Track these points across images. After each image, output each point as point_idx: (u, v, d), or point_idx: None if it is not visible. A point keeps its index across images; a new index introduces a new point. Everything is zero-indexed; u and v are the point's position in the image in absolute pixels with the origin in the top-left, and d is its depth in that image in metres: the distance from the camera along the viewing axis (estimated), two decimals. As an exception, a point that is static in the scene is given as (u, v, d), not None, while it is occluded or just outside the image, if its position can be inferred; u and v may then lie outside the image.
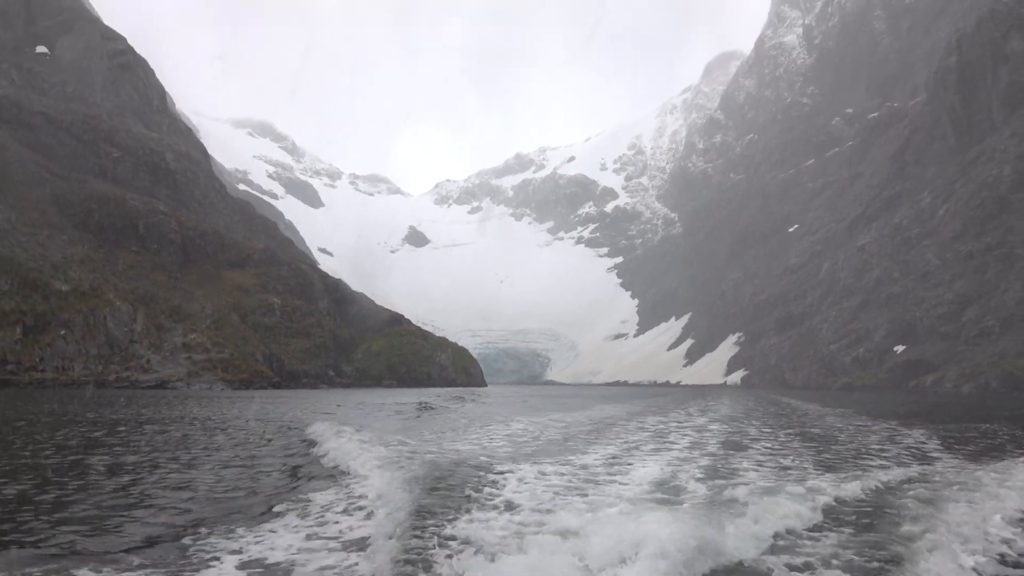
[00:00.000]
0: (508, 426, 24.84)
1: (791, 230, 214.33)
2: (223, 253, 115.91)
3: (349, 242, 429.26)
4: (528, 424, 25.97)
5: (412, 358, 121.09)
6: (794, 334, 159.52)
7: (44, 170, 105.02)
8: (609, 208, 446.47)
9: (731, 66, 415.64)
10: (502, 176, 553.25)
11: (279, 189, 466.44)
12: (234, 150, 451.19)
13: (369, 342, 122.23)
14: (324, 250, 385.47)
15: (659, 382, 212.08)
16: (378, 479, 11.45)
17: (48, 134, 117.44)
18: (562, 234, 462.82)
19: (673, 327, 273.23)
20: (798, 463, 14.62)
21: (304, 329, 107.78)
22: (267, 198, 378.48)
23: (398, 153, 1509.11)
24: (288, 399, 49.46)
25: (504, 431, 22.54)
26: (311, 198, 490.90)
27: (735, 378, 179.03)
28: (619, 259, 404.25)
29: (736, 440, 20.01)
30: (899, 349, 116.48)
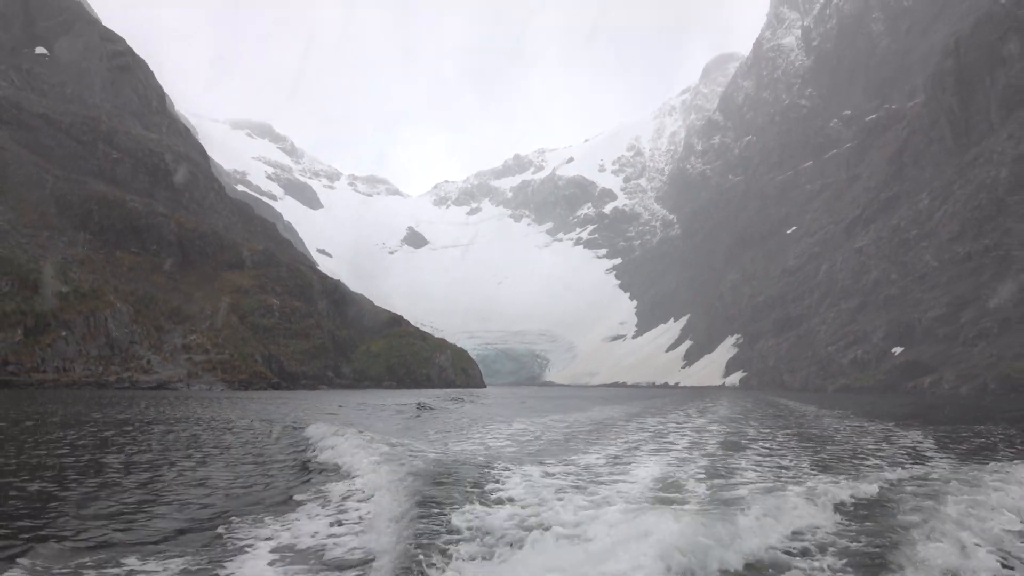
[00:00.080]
0: (509, 426, 25.14)
1: (789, 232, 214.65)
2: (222, 254, 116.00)
3: (348, 243, 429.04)
4: (529, 424, 26.27)
5: (411, 359, 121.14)
6: (792, 336, 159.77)
7: (44, 171, 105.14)
8: (607, 209, 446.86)
9: (730, 68, 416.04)
10: (501, 177, 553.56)
11: (278, 190, 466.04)
12: (233, 151, 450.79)
13: (368, 343, 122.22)
14: (323, 251, 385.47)
15: (657, 384, 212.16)
16: (383, 475, 11.67)
17: (47, 135, 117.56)
18: (560, 235, 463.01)
19: (671, 328, 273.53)
20: (797, 463, 14.76)
21: (303, 330, 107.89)
22: (266, 199, 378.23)
23: (397, 154, 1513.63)
24: (288, 400, 49.65)
25: (505, 431, 22.82)
26: (310, 199, 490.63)
27: (733, 380, 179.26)
28: (617, 260, 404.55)
29: (735, 440, 20.26)
30: (897, 351, 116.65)
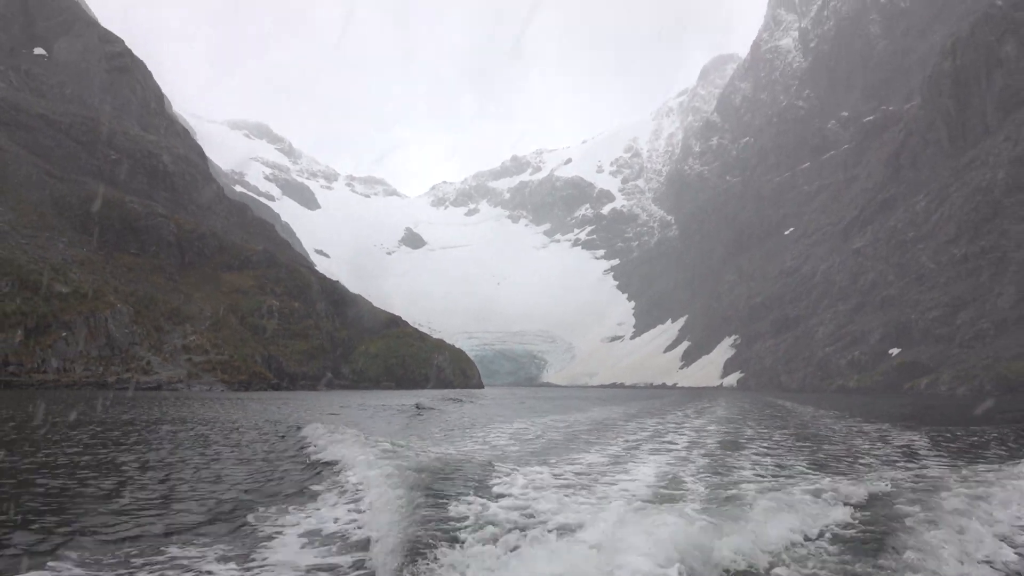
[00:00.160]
0: (510, 426, 25.40)
1: (787, 233, 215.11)
2: (221, 255, 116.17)
3: (346, 244, 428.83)
4: (529, 424, 26.53)
5: (410, 360, 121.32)
6: (789, 337, 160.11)
7: (43, 172, 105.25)
8: (605, 210, 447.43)
9: (727, 69, 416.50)
10: (499, 178, 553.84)
11: (276, 191, 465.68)
12: (231, 152, 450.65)
13: (367, 344, 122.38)
14: (321, 252, 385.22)
15: (655, 384, 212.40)
16: (386, 472, 11.87)
17: (47, 136, 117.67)
18: (559, 236, 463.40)
19: (669, 329, 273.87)
20: (796, 463, 14.90)
21: (302, 331, 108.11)
22: (264, 199, 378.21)
23: (395, 155, 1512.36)
24: (289, 400, 49.84)
25: (506, 431, 23.03)
26: (308, 200, 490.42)
27: (731, 380, 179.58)
28: (615, 261, 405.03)
29: (733, 440, 20.50)
30: (894, 352, 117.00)
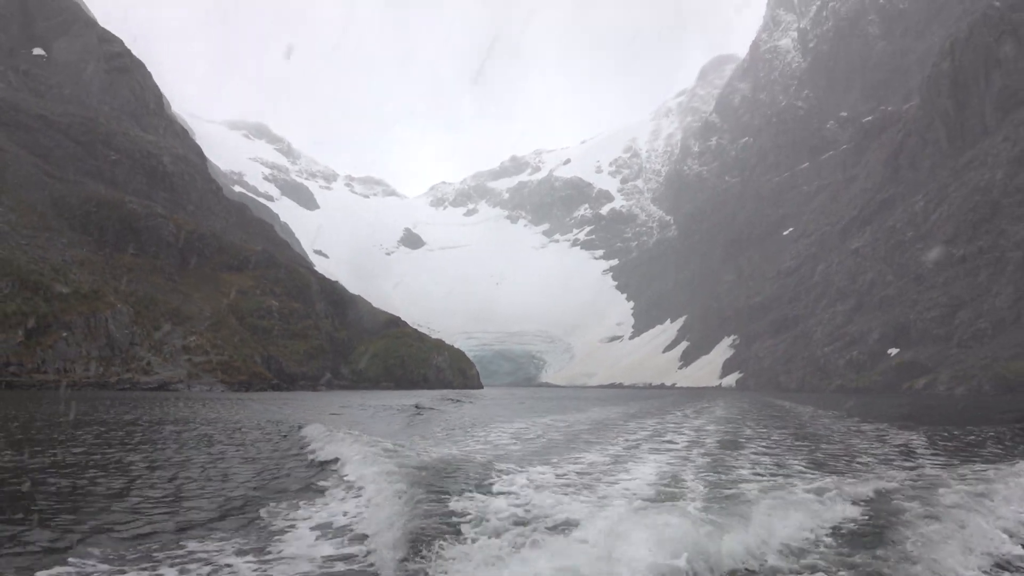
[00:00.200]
0: (510, 426, 25.56)
1: (785, 233, 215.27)
2: (220, 255, 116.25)
3: (344, 244, 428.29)
4: (529, 424, 26.69)
5: (409, 360, 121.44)
6: (788, 337, 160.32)
7: (42, 173, 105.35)
8: (604, 211, 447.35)
9: (726, 69, 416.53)
10: (498, 178, 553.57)
11: (274, 191, 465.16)
12: (229, 152, 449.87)
13: (366, 344, 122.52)
14: (320, 252, 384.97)
15: (654, 385, 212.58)
16: (388, 470, 12.05)
17: (46, 136, 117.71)
18: (557, 236, 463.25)
19: (668, 330, 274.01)
20: (796, 463, 15.01)
21: (301, 331, 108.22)
22: (262, 200, 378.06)
23: (393, 155, 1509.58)
24: (290, 401, 49.98)
25: (506, 431, 23.17)
26: (307, 200, 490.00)
27: (730, 381, 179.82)
28: (614, 261, 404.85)
29: (733, 440, 20.65)
30: (892, 352, 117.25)
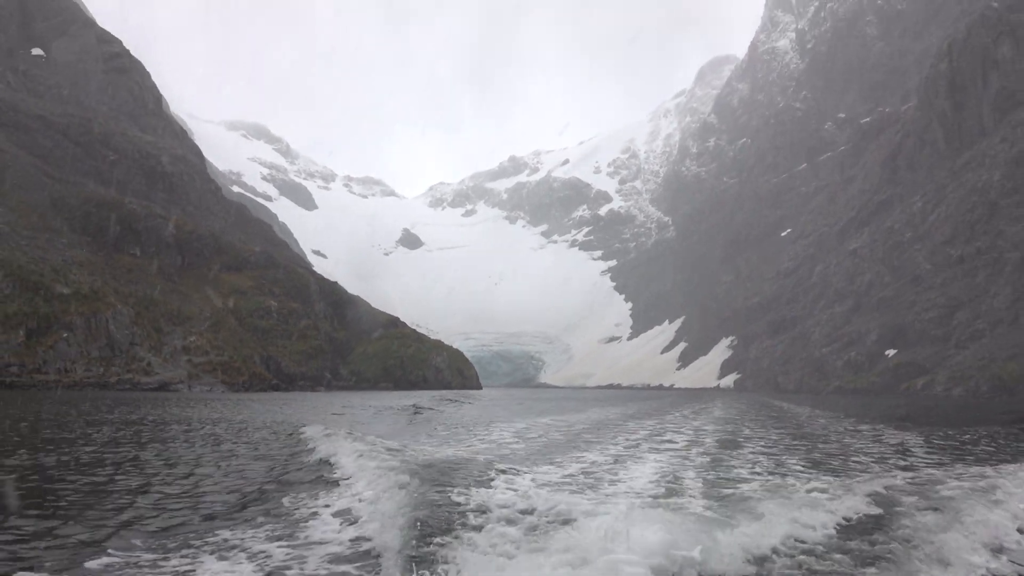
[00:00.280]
0: (510, 426, 25.77)
1: (784, 234, 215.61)
2: (219, 256, 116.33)
3: (343, 244, 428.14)
4: (529, 424, 26.91)
5: (408, 361, 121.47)
6: (786, 338, 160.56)
7: (42, 173, 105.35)
8: (603, 211, 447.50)
9: (724, 70, 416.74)
10: (496, 179, 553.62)
11: (273, 191, 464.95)
12: (228, 152, 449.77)
13: (365, 344, 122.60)
14: (318, 252, 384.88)
15: (652, 385, 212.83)
16: (392, 464, 12.35)
17: (45, 137, 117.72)
18: (556, 237, 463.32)
19: (666, 330, 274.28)
20: (795, 463, 15.14)
21: (301, 332, 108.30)
22: (261, 200, 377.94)
23: (392, 155, 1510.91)
24: (291, 401, 50.15)
25: (506, 431, 23.35)
26: (305, 200, 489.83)
27: (728, 381, 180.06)
28: (613, 262, 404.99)
29: (732, 439, 20.86)
30: (890, 353, 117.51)
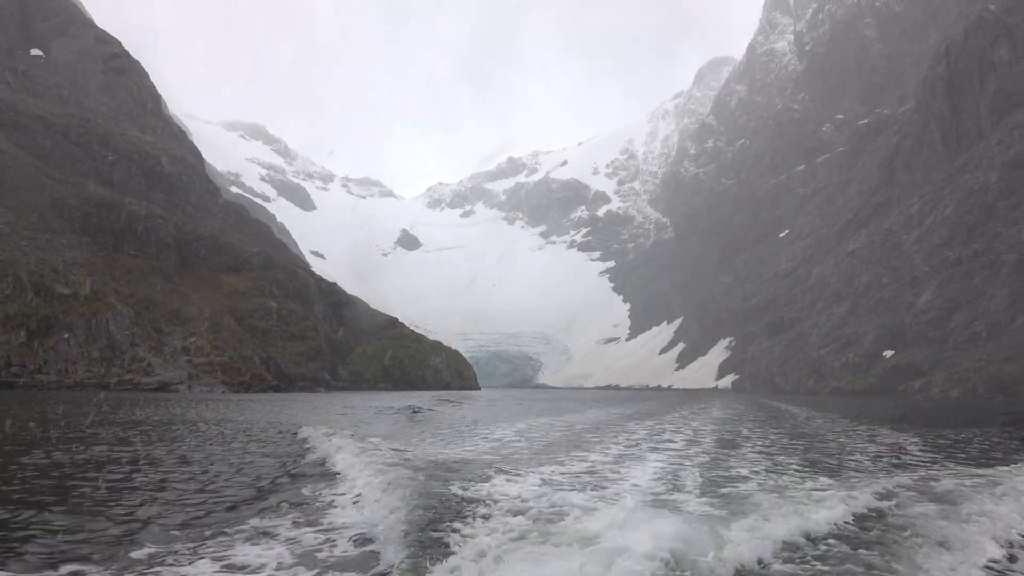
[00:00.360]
0: (511, 426, 25.97)
1: (782, 235, 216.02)
2: (219, 257, 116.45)
3: (342, 245, 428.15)
4: (529, 425, 27.13)
5: (407, 361, 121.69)
6: (784, 339, 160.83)
7: (41, 174, 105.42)
8: (601, 212, 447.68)
9: (723, 72, 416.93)
10: (494, 180, 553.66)
11: (271, 192, 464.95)
12: (226, 153, 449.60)
13: (364, 345, 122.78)
14: (317, 253, 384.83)
15: (651, 386, 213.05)
16: (394, 461, 12.75)
17: (45, 137, 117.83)
18: (554, 238, 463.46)
19: (665, 331, 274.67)
20: (794, 463, 15.27)
21: (300, 332, 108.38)
22: (259, 201, 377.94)
23: (390, 156, 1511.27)
24: (292, 402, 50.30)
25: (507, 432, 23.51)
26: (303, 201, 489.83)
27: (726, 382, 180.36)
28: (611, 263, 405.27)
29: (731, 440, 21.09)
30: (888, 354, 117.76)
